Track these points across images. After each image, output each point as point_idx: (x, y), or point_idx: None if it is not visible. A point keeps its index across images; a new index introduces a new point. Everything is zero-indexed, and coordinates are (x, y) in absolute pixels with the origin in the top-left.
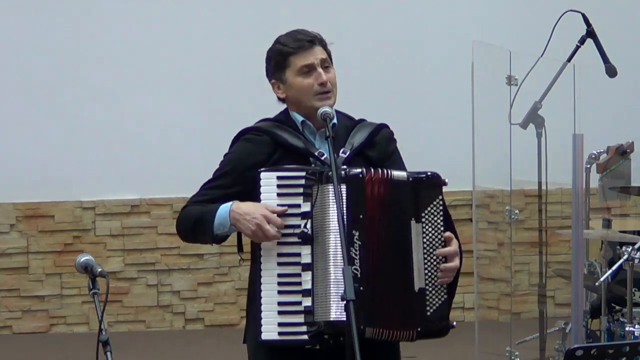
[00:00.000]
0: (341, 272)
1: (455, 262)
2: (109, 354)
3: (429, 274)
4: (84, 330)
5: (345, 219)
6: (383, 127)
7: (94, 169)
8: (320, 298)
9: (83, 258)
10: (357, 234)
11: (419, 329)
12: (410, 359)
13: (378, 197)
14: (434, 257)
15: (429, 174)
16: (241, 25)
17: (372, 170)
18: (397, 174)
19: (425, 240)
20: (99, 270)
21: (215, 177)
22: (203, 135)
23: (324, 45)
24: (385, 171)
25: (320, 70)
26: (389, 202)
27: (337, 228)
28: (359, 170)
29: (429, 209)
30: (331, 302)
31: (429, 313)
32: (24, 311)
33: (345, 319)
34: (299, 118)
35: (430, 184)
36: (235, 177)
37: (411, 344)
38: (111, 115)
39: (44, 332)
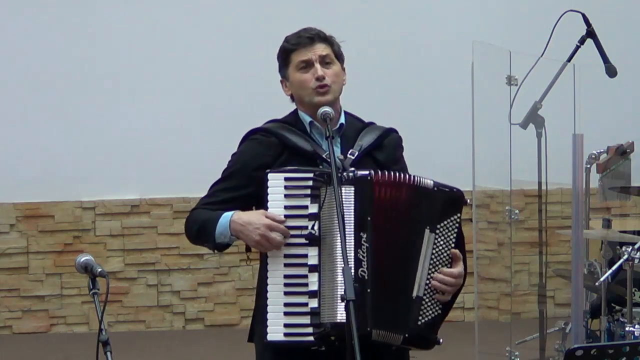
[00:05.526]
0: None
1: (455, 281)
2: (109, 354)
3: (430, 285)
4: (84, 330)
5: (347, 221)
6: (392, 131)
7: (94, 169)
8: (327, 299)
9: (83, 258)
10: (365, 235)
11: (406, 335)
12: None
13: (390, 200)
14: (438, 271)
15: (454, 189)
16: (240, 26)
17: (381, 172)
18: (424, 180)
19: (434, 251)
20: (99, 270)
21: (222, 178)
22: (203, 136)
23: (328, 42)
24: (395, 173)
25: (317, 65)
26: (406, 205)
27: (344, 230)
28: (366, 172)
29: (445, 222)
30: (338, 304)
31: (419, 322)
32: (24, 311)
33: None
34: (307, 119)
35: (453, 199)
36: (243, 178)
37: None
38: (111, 115)
39: (44, 332)
